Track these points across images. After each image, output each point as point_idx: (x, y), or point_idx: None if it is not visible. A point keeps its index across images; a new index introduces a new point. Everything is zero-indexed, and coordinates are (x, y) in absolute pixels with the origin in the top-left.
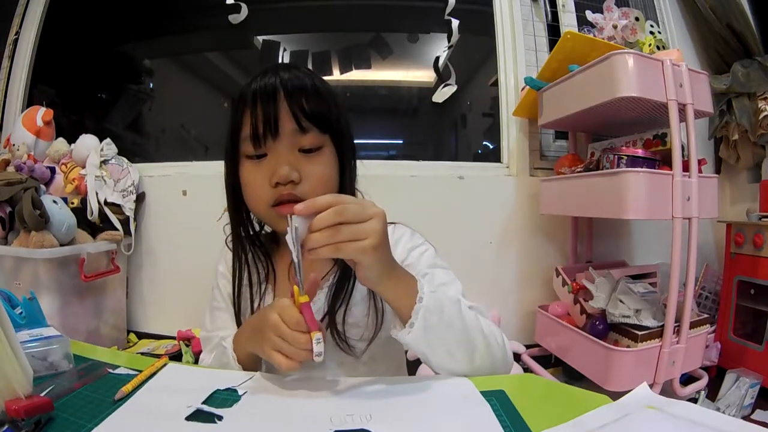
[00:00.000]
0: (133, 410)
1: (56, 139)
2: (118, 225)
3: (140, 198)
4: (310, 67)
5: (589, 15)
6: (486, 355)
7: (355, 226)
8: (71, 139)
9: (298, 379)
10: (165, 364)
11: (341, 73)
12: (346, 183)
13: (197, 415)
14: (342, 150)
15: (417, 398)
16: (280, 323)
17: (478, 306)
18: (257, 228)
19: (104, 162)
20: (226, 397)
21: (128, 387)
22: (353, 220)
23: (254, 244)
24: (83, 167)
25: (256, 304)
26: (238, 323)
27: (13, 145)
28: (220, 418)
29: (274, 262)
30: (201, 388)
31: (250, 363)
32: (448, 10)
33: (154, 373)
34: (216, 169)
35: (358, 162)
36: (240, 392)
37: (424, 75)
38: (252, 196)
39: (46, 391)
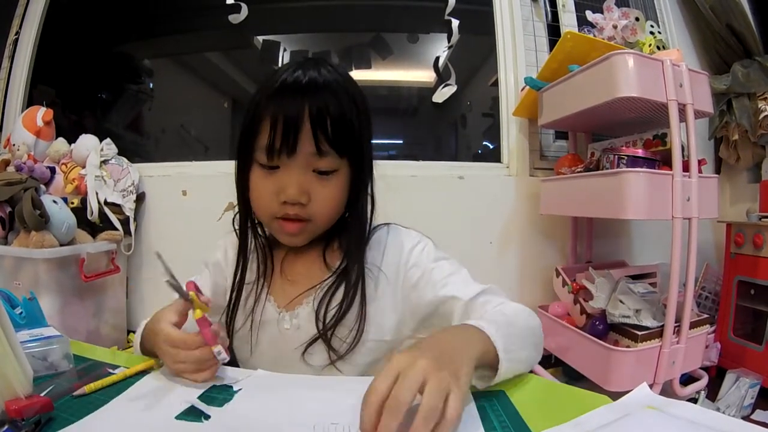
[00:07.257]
0: (127, 402)
1: (56, 139)
2: (118, 225)
3: (140, 198)
4: None
5: (589, 15)
6: (539, 342)
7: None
8: (71, 139)
9: (294, 378)
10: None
11: None
12: (359, 205)
13: (188, 413)
14: (359, 170)
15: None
16: (175, 342)
17: (491, 287)
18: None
19: (104, 162)
20: (215, 395)
21: (91, 386)
22: (436, 411)
23: (257, 237)
24: (83, 167)
25: (250, 303)
26: (231, 318)
27: (13, 145)
28: (207, 417)
29: (273, 260)
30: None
31: (154, 354)
32: (448, 10)
33: (137, 374)
34: (216, 169)
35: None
36: (235, 389)
37: (424, 75)
38: (258, 204)
39: (46, 391)
